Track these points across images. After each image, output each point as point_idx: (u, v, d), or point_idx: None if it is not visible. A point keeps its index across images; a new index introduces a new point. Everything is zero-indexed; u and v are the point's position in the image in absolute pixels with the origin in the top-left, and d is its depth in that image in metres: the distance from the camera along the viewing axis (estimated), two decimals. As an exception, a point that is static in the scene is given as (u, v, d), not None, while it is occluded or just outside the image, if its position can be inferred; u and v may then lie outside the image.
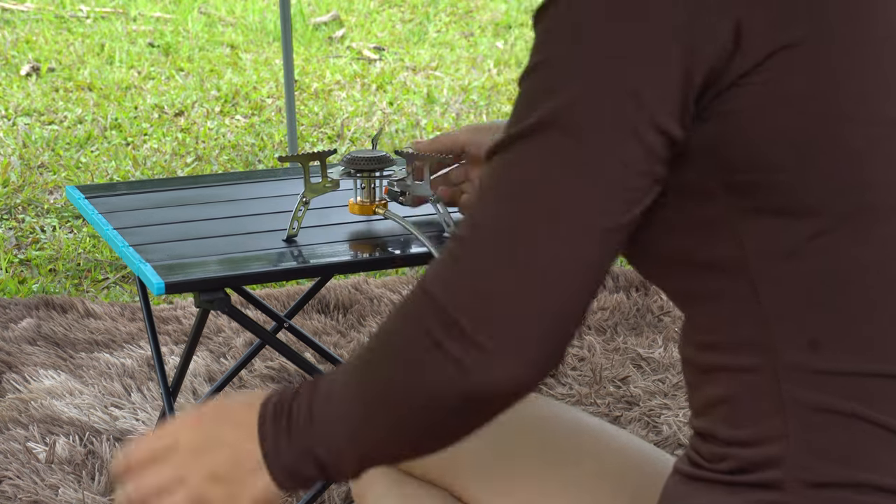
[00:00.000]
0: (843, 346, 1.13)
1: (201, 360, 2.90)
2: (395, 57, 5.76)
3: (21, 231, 3.76)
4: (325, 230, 2.13)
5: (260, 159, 4.44)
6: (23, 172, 4.20)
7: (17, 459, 2.49)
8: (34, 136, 4.56)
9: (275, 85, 5.26)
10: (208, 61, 5.58)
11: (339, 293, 3.23)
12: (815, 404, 1.12)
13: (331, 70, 5.49)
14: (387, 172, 2.08)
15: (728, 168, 1.11)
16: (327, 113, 4.95)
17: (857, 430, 1.12)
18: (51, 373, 2.84)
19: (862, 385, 1.13)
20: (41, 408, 2.68)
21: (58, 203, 3.96)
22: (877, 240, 1.12)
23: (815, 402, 1.12)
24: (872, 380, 1.13)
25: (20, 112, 4.86)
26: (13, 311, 3.17)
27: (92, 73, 5.34)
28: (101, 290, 3.40)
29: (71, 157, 4.39)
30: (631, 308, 3.21)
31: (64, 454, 2.50)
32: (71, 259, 3.57)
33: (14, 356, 2.93)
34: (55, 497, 2.37)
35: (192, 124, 4.78)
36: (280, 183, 2.38)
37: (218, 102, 5.03)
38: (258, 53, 5.74)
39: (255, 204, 2.26)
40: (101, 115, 4.83)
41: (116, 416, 2.67)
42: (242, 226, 2.14)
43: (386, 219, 2.12)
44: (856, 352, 1.13)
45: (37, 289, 3.38)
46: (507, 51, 5.92)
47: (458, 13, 6.53)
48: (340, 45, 5.94)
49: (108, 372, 2.85)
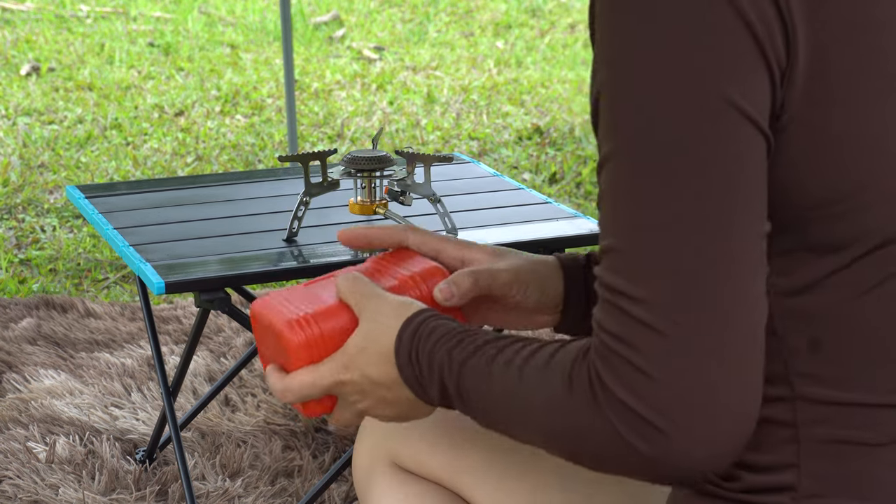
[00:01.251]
0: (856, 378, 1.13)
1: (201, 360, 2.90)
2: (395, 57, 5.76)
3: (21, 231, 3.76)
4: (325, 230, 2.13)
5: (260, 159, 4.44)
6: (23, 172, 4.20)
7: (17, 459, 2.49)
8: (34, 136, 4.56)
9: (275, 85, 5.26)
10: (208, 61, 5.58)
11: (339, 293, 3.23)
12: (827, 436, 1.13)
13: (331, 70, 5.49)
14: (387, 172, 2.08)
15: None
16: (327, 113, 4.94)
17: (867, 460, 1.13)
18: (51, 372, 2.84)
19: (873, 416, 1.13)
20: (41, 408, 2.68)
21: (58, 203, 3.96)
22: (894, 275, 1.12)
23: (827, 434, 1.13)
24: (883, 411, 1.13)
25: (20, 112, 4.86)
26: (13, 310, 3.17)
27: (92, 72, 5.34)
28: (102, 289, 3.40)
29: (71, 156, 4.39)
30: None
31: (64, 454, 2.50)
32: (71, 259, 3.57)
33: (14, 356, 2.93)
34: (55, 497, 2.37)
35: (192, 124, 4.78)
36: (280, 183, 2.38)
37: (218, 102, 5.03)
38: (258, 53, 5.74)
39: (255, 204, 2.26)
40: (101, 114, 4.83)
41: (116, 416, 2.67)
42: (242, 226, 2.14)
43: (386, 218, 2.12)
44: (868, 385, 1.13)
45: (37, 289, 3.38)
46: (507, 51, 5.92)
47: (458, 13, 6.52)
48: (340, 44, 5.94)
49: (108, 372, 2.85)
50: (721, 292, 1.03)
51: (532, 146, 4.61)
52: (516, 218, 2.20)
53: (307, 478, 2.46)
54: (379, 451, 1.49)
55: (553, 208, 2.25)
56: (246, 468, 2.49)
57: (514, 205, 2.28)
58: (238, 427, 2.64)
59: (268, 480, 2.45)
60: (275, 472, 2.48)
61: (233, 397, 2.75)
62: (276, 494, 2.41)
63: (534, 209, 2.25)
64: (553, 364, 1.10)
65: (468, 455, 1.43)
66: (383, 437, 1.49)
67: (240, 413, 2.69)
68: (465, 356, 1.17)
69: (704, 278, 1.03)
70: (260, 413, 2.68)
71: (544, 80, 5.43)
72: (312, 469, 2.48)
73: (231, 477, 2.47)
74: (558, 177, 4.30)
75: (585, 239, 2.14)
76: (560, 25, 6.39)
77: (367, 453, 1.50)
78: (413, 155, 2.05)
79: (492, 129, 4.79)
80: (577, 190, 4.20)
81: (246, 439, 2.58)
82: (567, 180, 4.26)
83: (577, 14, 6.57)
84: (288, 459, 2.51)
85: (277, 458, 2.52)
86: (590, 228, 2.15)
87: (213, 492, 2.40)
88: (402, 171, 2.10)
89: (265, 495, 2.40)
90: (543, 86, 5.36)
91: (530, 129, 4.77)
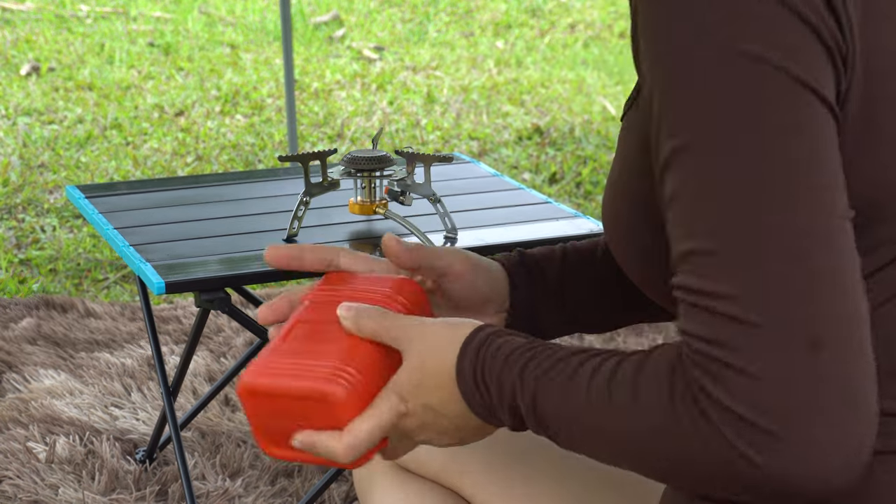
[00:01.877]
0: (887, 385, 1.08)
1: (201, 360, 2.90)
2: (395, 57, 5.76)
3: (21, 231, 3.76)
4: (326, 230, 2.13)
5: (260, 159, 4.44)
6: (23, 172, 4.20)
7: (17, 459, 2.49)
8: (34, 136, 4.56)
9: (275, 85, 5.26)
10: (208, 61, 5.58)
11: (339, 293, 3.23)
12: None
13: (331, 70, 5.49)
14: (387, 172, 2.08)
15: None
16: (327, 113, 4.94)
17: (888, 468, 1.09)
18: (51, 372, 2.84)
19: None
20: (41, 408, 2.68)
21: (58, 203, 3.96)
22: None
23: None
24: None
25: (20, 112, 4.86)
26: (13, 310, 3.17)
27: (92, 72, 5.34)
28: (102, 289, 3.40)
29: (71, 156, 4.39)
30: (631, 308, 3.21)
31: (64, 454, 2.50)
32: (71, 259, 3.57)
33: (14, 356, 2.93)
34: (55, 497, 2.37)
35: (192, 124, 4.78)
36: (280, 183, 2.38)
37: (218, 102, 5.03)
38: (258, 53, 5.74)
39: (255, 204, 2.26)
40: (101, 114, 4.83)
41: (116, 416, 2.67)
42: (242, 225, 2.14)
43: (386, 218, 2.12)
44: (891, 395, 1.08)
45: (37, 288, 3.38)
46: (507, 51, 5.92)
47: (458, 13, 6.53)
48: (340, 44, 5.94)
49: (108, 372, 2.85)
50: (815, 277, 0.95)
51: (532, 146, 4.61)
52: (516, 218, 2.21)
53: (307, 478, 2.46)
54: (379, 451, 1.49)
55: (553, 208, 2.25)
56: (246, 468, 2.49)
57: (514, 205, 2.28)
58: (238, 427, 2.64)
59: (268, 480, 2.45)
60: (275, 472, 2.48)
61: (233, 397, 2.75)
62: (276, 494, 2.41)
63: (534, 209, 2.25)
64: (644, 381, 1.02)
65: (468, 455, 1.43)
66: (383, 436, 1.49)
67: (240, 413, 2.69)
68: (539, 373, 1.09)
69: (794, 264, 0.95)
70: (260, 413, 2.68)
71: (544, 80, 5.43)
72: (312, 469, 2.48)
73: (231, 477, 2.47)
74: (558, 177, 4.30)
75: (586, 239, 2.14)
76: (560, 25, 6.39)
77: (368, 453, 1.50)
78: (413, 155, 2.05)
79: (492, 129, 4.79)
80: (577, 190, 4.20)
81: (246, 439, 2.58)
82: (567, 180, 4.26)
83: (577, 14, 6.57)
84: (288, 459, 2.52)
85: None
86: (589, 228, 2.15)
87: (213, 492, 2.40)
88: (402, 171, 2.10)
89: (265, 495, 2.40)
90: (543, 86, 5.36)
91: (530, 129, 4.78)
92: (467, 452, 1.43)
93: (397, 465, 1.48)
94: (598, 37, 6.23)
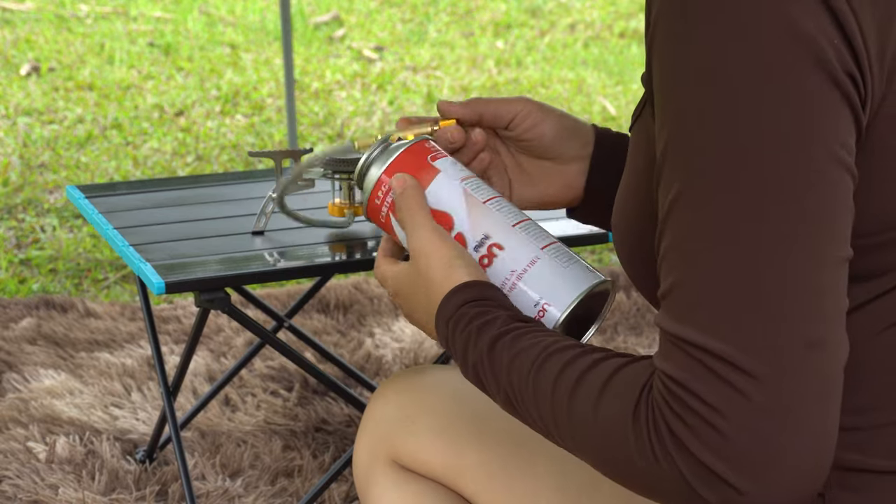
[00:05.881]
0: (885, 404, 1.10)
1: (201, 360, 2.90)
2: (395, 57, 5.76)
3: (21, 231, 3.76)
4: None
5: (260, 159, 4.44)
6: (23, 172, 4.20)
7: (17, 459, 2.49)
8: (34, 136, 4.56)
9: (275, 85, 5.26)
10: (208, 61, 5.58)
11: (339, 293, 3.23)
12: (852, 463, 1.11)
13: (331, 70, 5.49)
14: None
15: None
16: (327, 113, 4.94)
17: (889, 487, 1.11)
18: (51, 372, 2.84)
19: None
20: (41, 407, 2.68)
21: (58, 203, 3.96)
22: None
23: (852, 461, 1.11)
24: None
25: (20, 112, 4.86)
26: (13, 310, 3.17)
27: (92, 72, 5.34)
28: (102, 289, 3.40)
29: (71, 156, 4.39)
30: (631, 308, 3.21)
31: (64, 454, 2.50)
32: (71, 259, 3.57)
33: (14, 356, 2.93)
34: (55, 497, 2.37)
35: (192, 124, 4.78)
36: (280, 183, 2.38)
37: (218, 102, 5.03)
38: (258, 53, 5.74)
39: (255, 204, 2.26)
40: (101, 114, 4.83)
41: (116, 416, 2.67)
42: (242, 226, 2.14)
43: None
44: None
45: (37, 288, 3.38)
46: (507, 51, 5.92)
47: (458, 13, 6.52)
48: (340, 44, 5.94)
49: (108, 372, 2.85)
50: (796, 340, 0.97)
51: (532, 146, 4.61)
52: (516, 218, 2.20)
53: (307, 478, 2.46)
54: (379, 450, 1.49)
55: (553, 208, 2.25)
56: (246, 468, 2.49)
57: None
58: (238, 427, 2.64)
59: (268, 480, 2.45)
60: (275, 471, 2.48)
61: (233, 397, 2.75)
62: (276, 494, 2.41)
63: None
64: (616, 386, 1.04)
65: (468, 454, 1.43)
66: (383, 436, 1.49)
67: (240, 413, 2.69)
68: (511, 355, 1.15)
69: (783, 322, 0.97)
70: (260, 413, 2.68)
71: (544, 80, 5.43)
72: (312, 469, 2.48)
73: (231, 477, 2.47)
74: (558, 177, 4.30)
75: (586, 239, 2.14)
76: (560, 25, 6.39)
77: (367, 452, 1.50)
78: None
79: (492, 129, 4.78)
80: (577, 190, 4.19)
81: (246, 439, 2.58)
82: (567, 180, 4.26)
83: (577, 14, 6.57)
84: (288, 459, 2.51)
85: (277, 457, 2.52)
86: (589, 228, 2.14)
87: (213, 492, 2.40)
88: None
89: (265, 495, 2.40)
90: (543, 86, 5.36)
91: (530, 129, 4.77)
92: (466, 451, 1.43)
93: (397, 465, 1.48)
94: (598, 37, 6.23)
